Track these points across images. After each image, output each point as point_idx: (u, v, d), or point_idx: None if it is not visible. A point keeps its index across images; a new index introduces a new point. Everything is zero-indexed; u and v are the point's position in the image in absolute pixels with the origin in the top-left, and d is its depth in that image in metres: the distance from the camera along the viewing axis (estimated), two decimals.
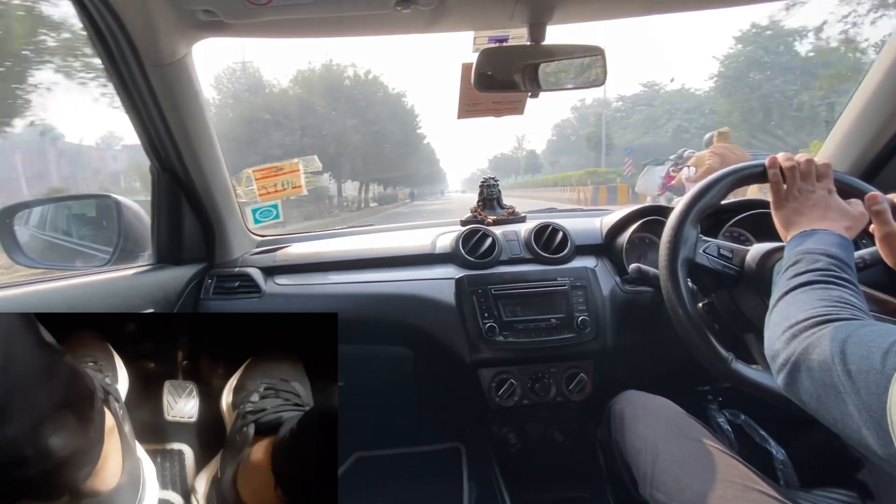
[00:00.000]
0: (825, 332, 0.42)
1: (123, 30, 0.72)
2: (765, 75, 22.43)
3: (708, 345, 0.64)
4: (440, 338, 0.96)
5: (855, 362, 0.36)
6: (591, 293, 0.95)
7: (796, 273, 0.52)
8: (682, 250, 0.68)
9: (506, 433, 1.07)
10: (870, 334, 0.38)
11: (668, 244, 0.69)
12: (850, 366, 0.37)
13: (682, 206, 0.69)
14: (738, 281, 0.70)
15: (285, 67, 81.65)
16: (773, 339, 0.48)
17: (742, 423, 0.97)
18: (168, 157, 0.93)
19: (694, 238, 0.69)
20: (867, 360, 0.35)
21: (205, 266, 1.06)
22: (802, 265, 0.52)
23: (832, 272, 0.50)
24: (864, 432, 0.34)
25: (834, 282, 0.49)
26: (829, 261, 0.51)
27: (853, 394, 0.35)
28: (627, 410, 0.75)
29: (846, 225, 0.58)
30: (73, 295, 0.77)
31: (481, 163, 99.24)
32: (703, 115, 28.54)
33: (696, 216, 0.69)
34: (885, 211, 0.58)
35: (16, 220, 0.90)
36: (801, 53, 22.17)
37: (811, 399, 0.41)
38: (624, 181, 16.21)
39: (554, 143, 57.53)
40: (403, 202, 28.66)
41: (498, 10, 0.73)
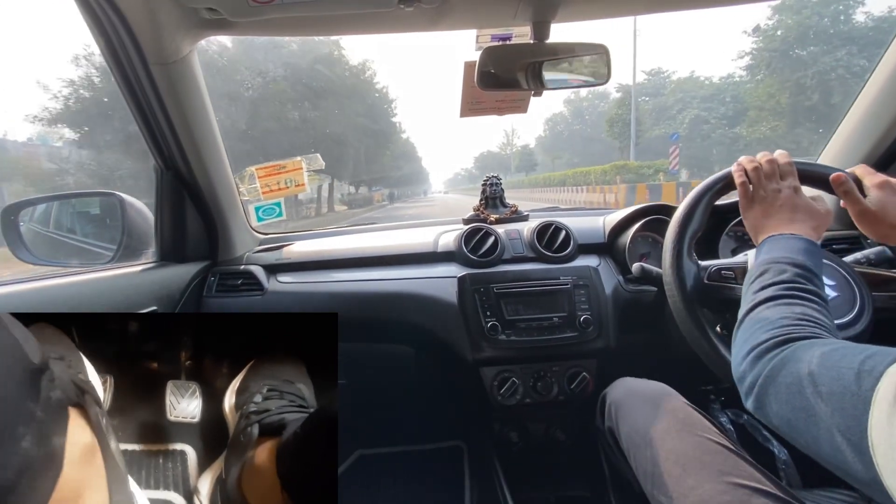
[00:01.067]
0: (788, 353, 0.41)
1: (127, 28, 0.73)
2: (821, 48, 18.14)
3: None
4: (442, 336, 0.96)
5: (826, 384, 0.36)
6: (593, 292, 0.95)
7: (762, 286, 0.52)
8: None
9: (508, 432, 1.07)
10: (835, 354, 0.37)
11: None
12: (821, 387, 0.36)
13: (673, 241, 0.69)
14: None
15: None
16: (738, 360, 0.48)
17: (744, 422, 0.97)
18: (171, 155, 0.93)
19: (695, 268, 0.68)
20: (839, 381, 0.35)
21: (208, 264, 1.07)
22: (768, 276, 0.52)
23: (797, 284, 0.50)
24: (843, 456, 0.34)
25: (798, 296, 0.49)
26: (795, 271, 0.51)
27: (827, 417, 0.35)
28: (625, 399, 0.73)
29: (813, 225, 0.58)
30: (76, 292, 0.77)
31: (466, 162, 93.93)
32: (723, 104, 25.62)
33: (690, 244, 0.68)
34: (852, 189, 0.59)
35: (21, 217, 0.91)
36: (864, 20, 17.69)
37: (782, 422, 0.40)
38: (670, 178, 13.43)
39: (545, 139, 53.90)
40: (380, 204, 24.56)
41: (501, 8, 0.73)
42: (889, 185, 0.59)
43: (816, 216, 0.60)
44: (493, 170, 10.71)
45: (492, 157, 62.66)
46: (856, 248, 0.97)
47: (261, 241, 1.22)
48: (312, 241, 1.19)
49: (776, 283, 0.51)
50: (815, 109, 18.18)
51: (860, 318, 0.61)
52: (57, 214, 1.09)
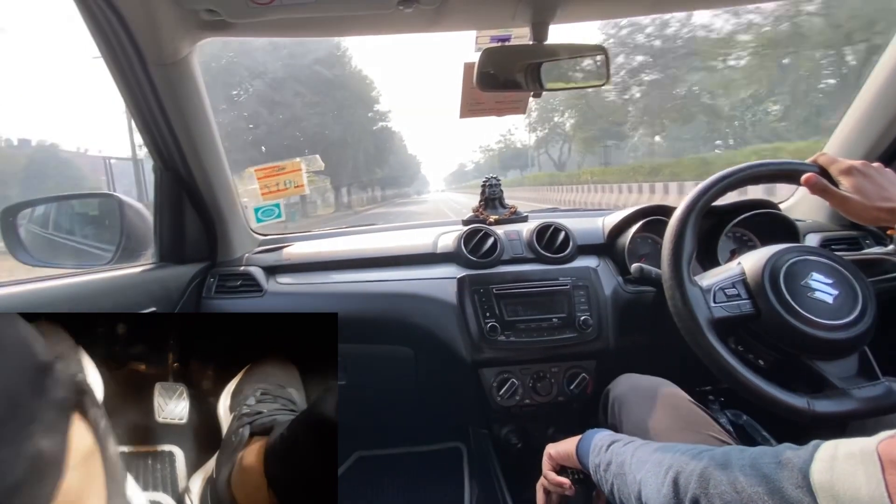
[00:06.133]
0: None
1: (126, 29, 0.72)
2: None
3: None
4: (442, 337, 0.96)
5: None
6: (592, 293, 0.95)
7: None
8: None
9: (507, 433, 1.06)
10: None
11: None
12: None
13: (671, 266, 0.66)
14: (758, 313, 0.64)
15: None
16: None
17: (744, 423, 0.97)
18: (171, 156, 0.93)
19: (699, 292, 0.65)
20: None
21: (207, 265, 1.07)
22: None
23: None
24: None
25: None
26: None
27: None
28: (628, 395, 0.73)
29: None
30: (75, 293, 0.77)
31: (473, 154, 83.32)
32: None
33: (688, 267, 0.66)
34: (826, 186, 0.61)
35: (19, 218, 0.91)
36: None
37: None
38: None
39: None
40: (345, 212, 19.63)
41: (500, 10, 0.73)
42: (854, 168, 0.60)
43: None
44: (494, 170, 9.31)
45: (511, 152, 48.20)
46: (855, 248, 0.97)
47: (260, 242, 1.22)
48: (312, 243, 1.19)
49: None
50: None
51: (864, 314, 0.60)
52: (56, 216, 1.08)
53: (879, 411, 0.57)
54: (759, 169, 0.67)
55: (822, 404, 0.57)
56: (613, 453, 0.52)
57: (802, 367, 0.63)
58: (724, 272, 0.69)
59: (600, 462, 0.53)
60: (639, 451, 0.49)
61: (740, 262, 0.68)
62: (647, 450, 0.48)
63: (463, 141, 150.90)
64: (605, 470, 0.52)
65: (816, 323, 0.59)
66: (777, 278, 0.63)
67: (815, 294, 0.61)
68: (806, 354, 0.61)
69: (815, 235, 1.00)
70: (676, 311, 0.65)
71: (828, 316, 0.60)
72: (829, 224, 1.05)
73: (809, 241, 0.98)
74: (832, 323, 0.59)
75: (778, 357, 0.65)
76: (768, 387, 0.59)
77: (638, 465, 0.47)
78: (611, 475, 0.51)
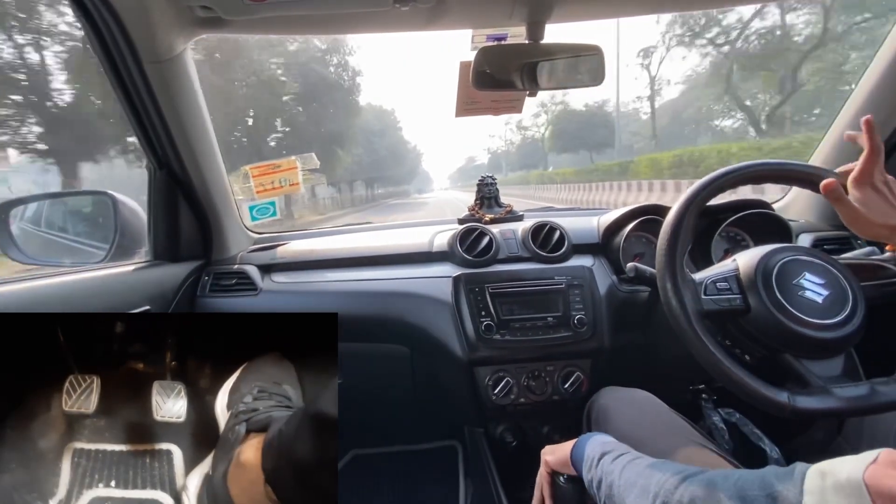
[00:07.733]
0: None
1: (120, 26, 0.72)
2: None
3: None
4: (437, 336, 0.96)
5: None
6: (587, 292, 0.96)
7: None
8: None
9: (502, 431, 1.07)
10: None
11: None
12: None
13: (666, 262, 0.67)
14: (748, 309, 0.65)
15: None
16: None
17: (737, 421, 0.98)
18: (165, 154, 0.92)
19: (692, 285, 0.66)
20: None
21: (202, 263, 1.06)
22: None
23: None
24: None
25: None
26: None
27: None
28: (611, 405, 0.74)
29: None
30: (68, 292, 0.76)
31: (480, 152, 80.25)
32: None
33: (682, 261, 0.66)
34: (842, 195, 0.61)
35: (11, 216, 0.90)
36: None
37: None
38: None
39: None
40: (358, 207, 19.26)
41: (497, 9, 0.73)
42: (867, 181, 0.60)
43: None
44: (495, 168, 8.74)
45: (529, 145, 44.18)
46: (846, 248, 0.98)
47: (255, 240, 1.21)
48: (307, 241, 1.19)
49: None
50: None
51: (853, 316, 0.61)
52: (48, 213, 1.08)
53: (860, 411, 0.57)
54: (760, 169, 0.67)
55: (803, 400, 0.58)
56: (603, 471, 0.52)
57: (788, 364, 0.63)
58: (719, 268, 0.69)
59: (592, 478, 0.54)
60: (626, 472, 0.49)
61: (735, 259, 0.69)
62: (633, 470, 0.49)
63: (472, 133, 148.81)
64: (597, 487, 0.53)
65: (805, 321, 0.60)
66: (770, 276, 0.63)
67: (806, 293, 0.62)
68: (792, 352, 0.62)
69: (808, 235, 1.01)
70: (667, 301, 0.66)
71: (817, 315, 0.60)
72: (821, 224, 1.06)
73: (802, 241, 0.99)
74: (821, 322, 0.60)
75: (765, 353, 0.66)
76: (751, 380, 0.60)
77: (626, 489, 0.48)
78: (603, 494, 0.51)
